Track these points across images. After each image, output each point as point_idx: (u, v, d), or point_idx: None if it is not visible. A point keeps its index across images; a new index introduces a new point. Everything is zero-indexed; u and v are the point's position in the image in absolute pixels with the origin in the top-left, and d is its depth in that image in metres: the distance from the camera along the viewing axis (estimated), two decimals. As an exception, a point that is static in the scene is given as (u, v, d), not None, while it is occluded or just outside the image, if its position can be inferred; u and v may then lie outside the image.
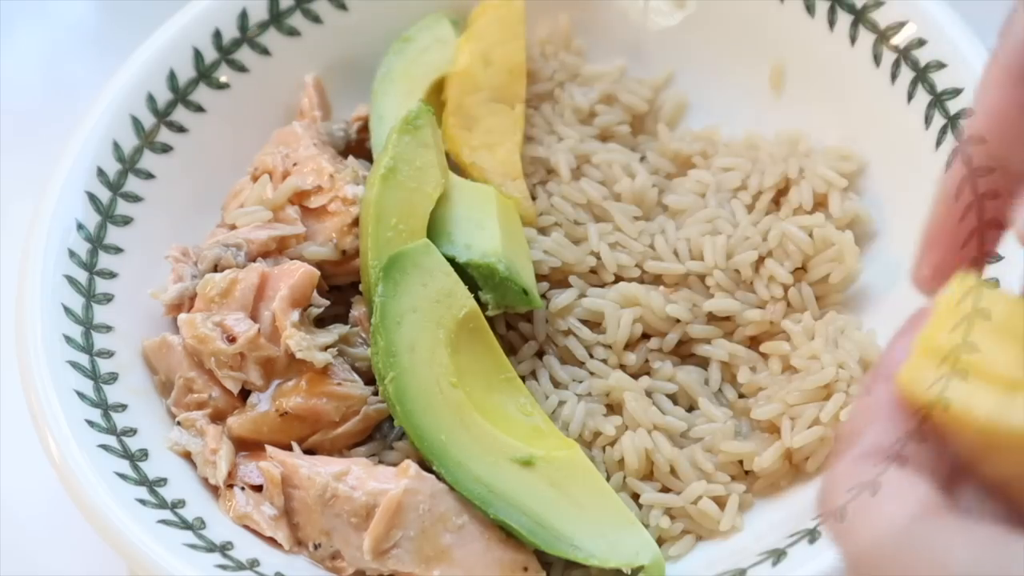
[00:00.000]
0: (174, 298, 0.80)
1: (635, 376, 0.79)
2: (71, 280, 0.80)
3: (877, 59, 0.83)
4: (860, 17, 0.84)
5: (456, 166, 0.85)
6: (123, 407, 0.77)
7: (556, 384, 0.80)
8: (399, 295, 0.75)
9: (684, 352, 0.81)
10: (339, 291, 0.82)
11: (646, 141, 0.90)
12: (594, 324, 0.81)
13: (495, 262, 0.77)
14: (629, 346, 0.80)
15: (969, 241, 0.61)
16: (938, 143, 0.80)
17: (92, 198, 0.83)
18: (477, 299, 0.77)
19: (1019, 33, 0.56)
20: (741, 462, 0.77)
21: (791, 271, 0.81)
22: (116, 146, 0.85)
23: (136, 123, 0.86)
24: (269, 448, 0.76)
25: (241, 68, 0.89)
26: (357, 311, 0.80)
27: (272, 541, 0.75)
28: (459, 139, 0.85)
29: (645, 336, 0.81)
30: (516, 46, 0.89)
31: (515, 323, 0.81)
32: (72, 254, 0.81)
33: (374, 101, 0.87)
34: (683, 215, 0.85)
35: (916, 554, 0.49)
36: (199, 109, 0.88)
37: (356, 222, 0.81)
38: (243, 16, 0.89)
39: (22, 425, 0.77)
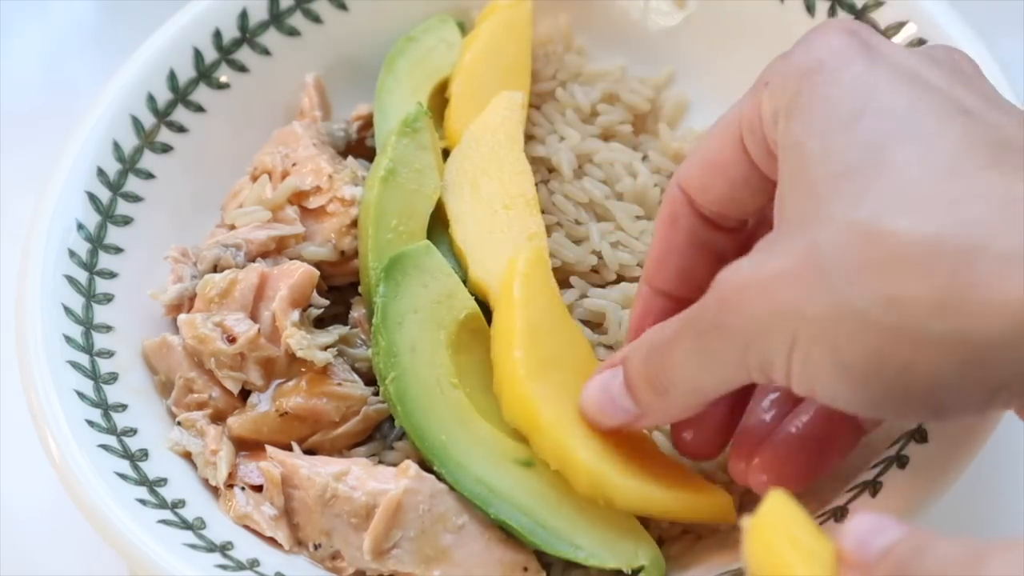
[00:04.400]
0: (174, 299, 0.80)
1: (636, 376, 0.79)
2: (71, 280, 0.80)
3: (877, 59, 0.83)
4: (860, 17, 0.84)
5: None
6: (123, 407, 0.77)
7: (556, 384, 0.79)
8: (400, 296, 0.75)
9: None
10: (338, 291, 0.82)
11: (648, 140, 0.90)
12: (596, 324, 0.81)
13: None
14: (630, 346, 0.80)
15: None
16: (938, 143, 0.80)
17: (92, 198, 0.83)
18: (480, 302, 0.77)
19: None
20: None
21: (791, 271, 0.81)
22: (116, 146, 0.85)
23: (136, 123, 0.86)
24: (269, 448, 0.76)
25: (241, 68, 0.89)
26: (357, 312, 0.80)
27: (272, 541, 0.75)
28: (462, 135, 0.85)
29: (646, 336, 0.81)
30: (522, 47, 0.89)
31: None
32: (72, 254, 0.81)
33: (379, 98, 0.87)
34: (684, 215, 0.85)
35: None
36: (199, 109, 0.88)
37: (354, 223, 0.81)
38: (243, 16, 0.89)
39: (22, 425, 0.77)
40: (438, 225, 0.81)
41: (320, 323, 0.80)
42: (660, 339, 0.65)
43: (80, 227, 0.82)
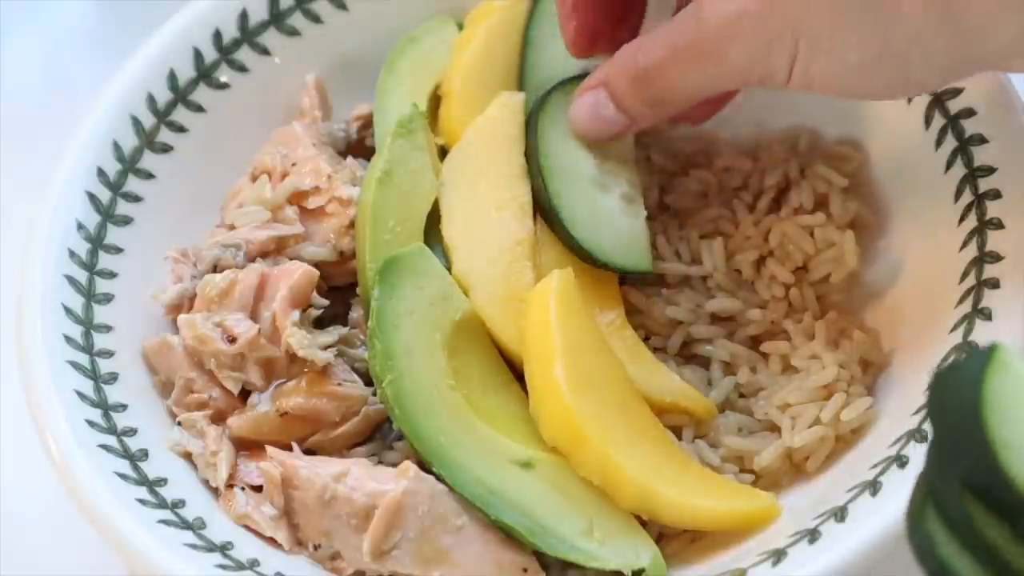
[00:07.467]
0: (174, 299, 0.80)
1: (637, 376, 0.79)
2: (71, 280, 0.80)
3: (877, 59, 0.83)
4: (860, 17, 0.84)
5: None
6: (123, 407, 0.77)
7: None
8: (395, 299, 0.75)
9: (687, 353, 0.81)
10: (338, 292, 0.82)
11: (649, 140, 0.90)
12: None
13: None
14: (631, 346, 0.80)
15: (626, 18, 0.81)
16: (938, 143, 0.80)
17: (92, 198, 0.83)
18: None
19: None
20: (742, 459, 0.77)
21: (792, 271, 0.81)
22: (116, 146, 0.85)
23: (136, 123, 0.86)
24: (269, 448, 0.76)
25: (241, 68, 0.90)
26: (356, 313, 0.80)
27: (272, 541, 0.75)
28: (459, 134, 0.85)
29: (647, 336, 0.81)
30: (518, 46, 0.89)
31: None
32: (72, 254, 0.81)
33: (379, 98, 0.87)
34: (685, 215, 0.85)
35: None
36: (199, 109, 0.88)
37: (353, 223, 0.81)
38: (243, 16, 0.89)
39: (22, 425, 0.77)
40: (435, 226, 0.81)
41: (320, 323, 0.80)
42: (648, 62, 0.73)
43: (80, 227, 0.82)
